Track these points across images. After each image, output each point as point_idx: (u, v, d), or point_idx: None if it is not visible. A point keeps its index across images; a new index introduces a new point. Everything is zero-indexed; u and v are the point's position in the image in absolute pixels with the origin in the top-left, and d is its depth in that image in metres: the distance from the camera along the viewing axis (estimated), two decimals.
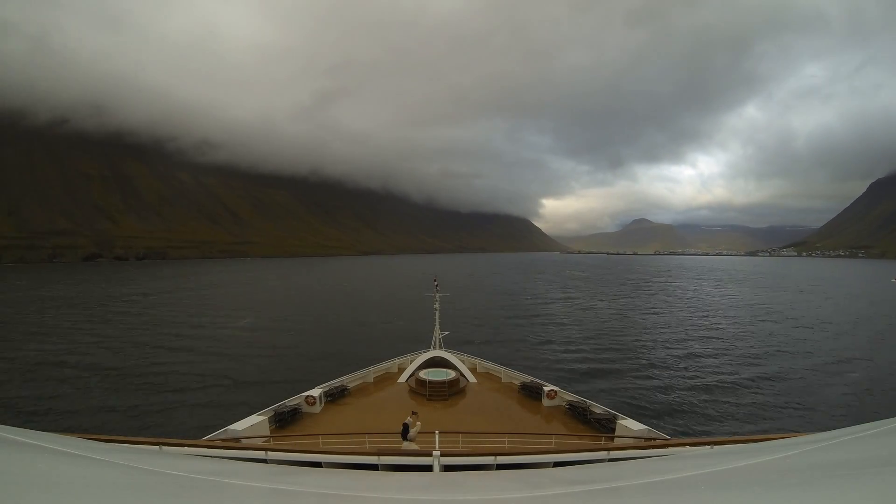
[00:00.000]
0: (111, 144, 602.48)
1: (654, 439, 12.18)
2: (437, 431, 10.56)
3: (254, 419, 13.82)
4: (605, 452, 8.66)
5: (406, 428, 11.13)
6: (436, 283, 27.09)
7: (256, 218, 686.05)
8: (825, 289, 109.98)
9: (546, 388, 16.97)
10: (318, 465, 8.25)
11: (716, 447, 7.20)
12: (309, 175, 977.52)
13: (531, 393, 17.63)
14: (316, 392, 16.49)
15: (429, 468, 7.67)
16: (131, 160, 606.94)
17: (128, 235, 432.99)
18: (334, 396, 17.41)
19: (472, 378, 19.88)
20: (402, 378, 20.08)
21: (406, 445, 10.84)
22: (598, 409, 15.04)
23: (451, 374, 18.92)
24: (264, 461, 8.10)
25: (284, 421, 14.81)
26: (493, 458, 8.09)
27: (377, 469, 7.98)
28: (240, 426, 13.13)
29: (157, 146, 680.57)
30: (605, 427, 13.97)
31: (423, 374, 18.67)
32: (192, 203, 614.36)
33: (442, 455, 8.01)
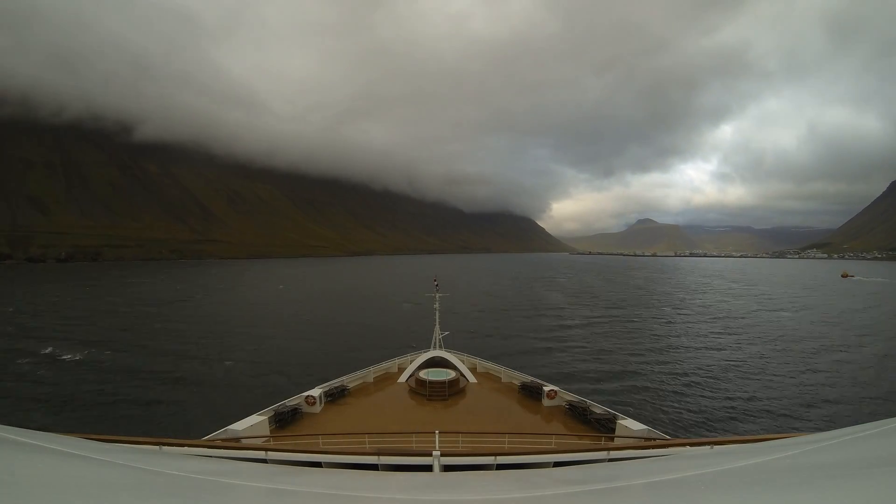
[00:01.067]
0: (70, 130, 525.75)
1: (654, 439, 12.05)
2: (437, 431, 10.58)
3: (254, 419, 13.56)
4: (605, 452, 8.65)
5: None
6: (436, 282, 26.79)
7: (231, 214, 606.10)
8: None
9: (546, 388, 16.69)
10: (318, 465, 8.24)
11: (716, 447, 7.28)
12: (301, 169, 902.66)
13: (531, 393, 17.40)
14: (316, 392, 16.20)
15: (429, 468, 7.70)
16: (88, 147, 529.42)
17: (57, 231, 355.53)
18: (334, 396, 17.13)
19: (472, 378, 19.62)
20: (402, 378, 19.78)
21: None
22: (598, 409, 14.79)
23: (451, 374, 18.64)
24: (264, 461, 8.11)
25: (284, 421, 14.53)
26: (493, 458, 8.09)
27: (377, 469, 7.96)
28: (240, 426, 12.91)
29: (126, 135, 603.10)
30: (605, 427, 13.76)
31: (423, 374, 18.41)
32: (153, 195, 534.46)
33: (442, 455, 8.05)
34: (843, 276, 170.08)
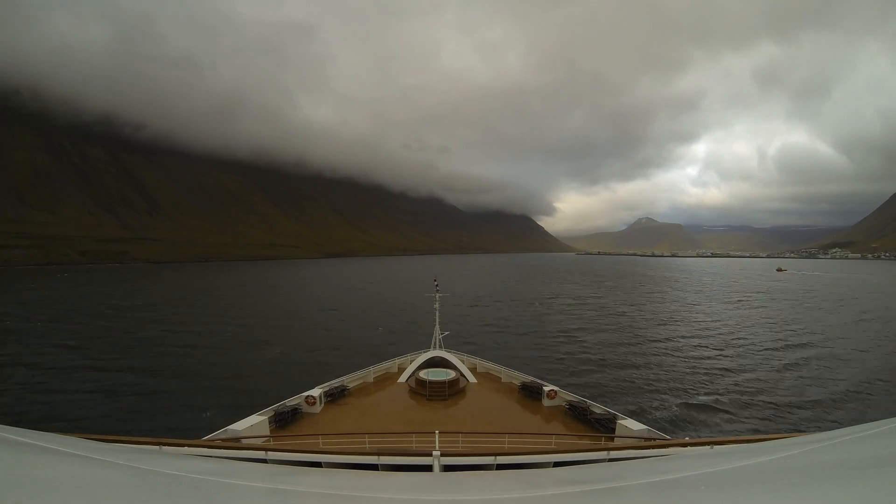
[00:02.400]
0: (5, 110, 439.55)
1: (654, 439, 12.09)
2: (437, 431, 10.61)
3: (254, 419, 13.62)
4: (605, 452, 8.66)
5: None
6: (435, 283, 26.78)
7: (185, 207, 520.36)
8: None
9: (546, 388, 16.69)
10: (318, 465, 8.22)
11: (716, 447, 7.29)
12: (282, 162, 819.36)
13: (531, 393, 17.43)
14: (316, 392, 16.25)
15: (429, 468, 7.71)
16: (20, 130, 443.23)
17: None
18: (334, 396, 17.17)
19: (472, 378, 19.60)
20: (402, 378, 19.77)
21: None
22: (598, 409, 14.79)
23: (451, 374, 18.63)
24: (264, 461, 8.09)
25: (284, 421, 14.58)
26: (493, 458, 8.09)
27: (377, 469, 7.96)
28: (240, 426, 12.95)
29: (79, 119, 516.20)
30: (605, 427, 13.76)
31: (423, 374, 18.39)
32: (86, 184, 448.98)
33: (442, 455, 8.06)
34: (777, 270, 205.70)
